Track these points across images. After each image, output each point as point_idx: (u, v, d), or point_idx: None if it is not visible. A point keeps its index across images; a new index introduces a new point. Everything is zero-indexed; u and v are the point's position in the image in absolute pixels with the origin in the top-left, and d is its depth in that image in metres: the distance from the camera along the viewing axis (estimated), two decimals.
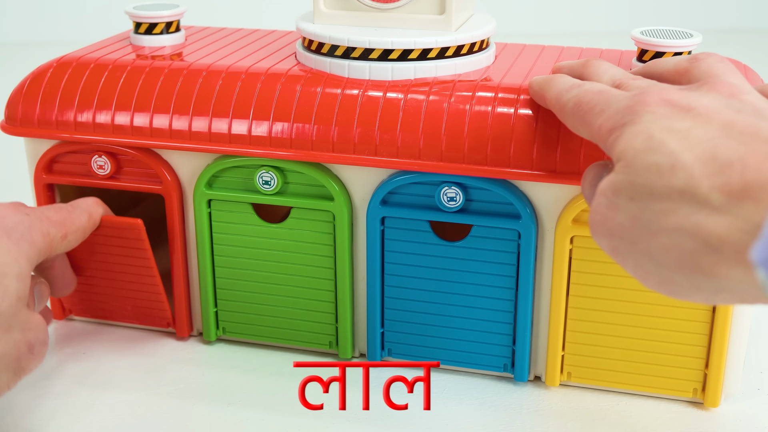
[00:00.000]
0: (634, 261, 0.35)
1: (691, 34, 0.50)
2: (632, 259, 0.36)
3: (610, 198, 0.36)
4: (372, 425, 0.48)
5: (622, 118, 0.36)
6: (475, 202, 0.49)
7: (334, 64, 0.51)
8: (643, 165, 0.34)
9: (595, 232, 0.37)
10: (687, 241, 0.33)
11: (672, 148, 0.34)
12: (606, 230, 0.36)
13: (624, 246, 0.36)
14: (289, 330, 0.54)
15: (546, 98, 0.44)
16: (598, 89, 0.40)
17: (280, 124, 0.49)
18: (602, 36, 1.28)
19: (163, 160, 0.52)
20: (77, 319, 0.58)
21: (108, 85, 0.52)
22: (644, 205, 0.34)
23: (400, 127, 0.48)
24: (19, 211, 0.46)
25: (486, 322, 0.51)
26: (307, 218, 0.51)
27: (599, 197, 0.36)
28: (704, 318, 0.48)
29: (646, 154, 0.34)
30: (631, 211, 0.35)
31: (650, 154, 0.34)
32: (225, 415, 0.49)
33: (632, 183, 0.34)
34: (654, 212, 0.34)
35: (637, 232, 0.35)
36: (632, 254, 0.35)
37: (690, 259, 0.33)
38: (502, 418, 0.49)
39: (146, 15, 0.57)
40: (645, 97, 0.36)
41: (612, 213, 0.36)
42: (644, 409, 0.50)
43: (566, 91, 0.42)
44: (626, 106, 0.37)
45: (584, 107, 0.40)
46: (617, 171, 0.35)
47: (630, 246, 0.35)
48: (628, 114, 0.36)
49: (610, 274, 0.48)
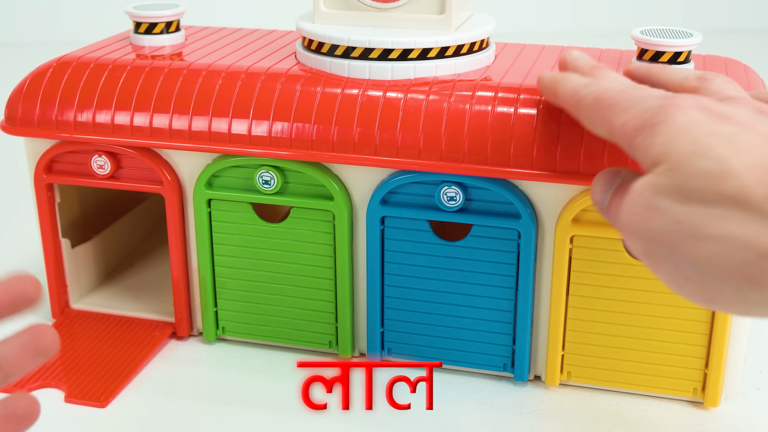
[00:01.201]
0: (672, 266, 0.34)
1: (691, 34, 0.50)
2: (670, 264, 0.34)
3: (650, 200, 0.34)
4: (372, 425, 0.48)
5: (653, 117, 0.35)
6: (475, 201, 0.49)
7: (334, 64, 0.51)
8: (690, 169, 0.33)
9: (629, 234, 0.36)
10: (739, 250, 0.32)
11: (720, 153, 0.33)
12: (643, 232, 0.35)
13: (662, 250, 0.34)
14: (289, 330, 0.54)
15: (558, 93, 0.43)
16: (619, 87, 0.39)
17: (280, 124, 0.49)
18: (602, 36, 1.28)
19: (163, 160, 0.52)
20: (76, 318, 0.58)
21: (108, 84, 0.52)
22: (691, 210, 0.33)
23: (400, 127, 0.48)
24: None
25: (486, 322, 0.51)
26: (307, 218, 0.51)
27: (636, 198, 0.35)
28: (704, 318, 0.48)
29: (693, 159, 0.33)
30: (676, 214, 0.33)
31: (697, 159, 0.33)
32: (225, 415, 0.49)
33: (679, 187, 0.33)
34: (702, 218, 0.33)
35: (680, 236, 0.33)
36: (671, 259, 0.34)
37: (741, 269, 0.32)
38: (502, 418, 0.49)
39: (146, 15, 0.57)
40: (677, 100, 0.35)
41: (652, 215, 0.34)
42: (644, 409, 0.50)
43: (584, 86, 0.41)
44: (657, 106, 0.36)
45: (605, 103, 0.39)
46: (659, 173, 0.34)
47: (669, 250, 0.34)
48: (659, 114, 0.35)
49: (610, 274, 0.48)
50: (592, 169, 0.46)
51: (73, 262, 0.57)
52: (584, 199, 0.47)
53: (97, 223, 0.61)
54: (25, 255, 0.67)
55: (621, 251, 0.48)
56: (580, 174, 0.46)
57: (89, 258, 0.59)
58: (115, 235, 0.63)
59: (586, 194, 0.47)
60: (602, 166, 0.46)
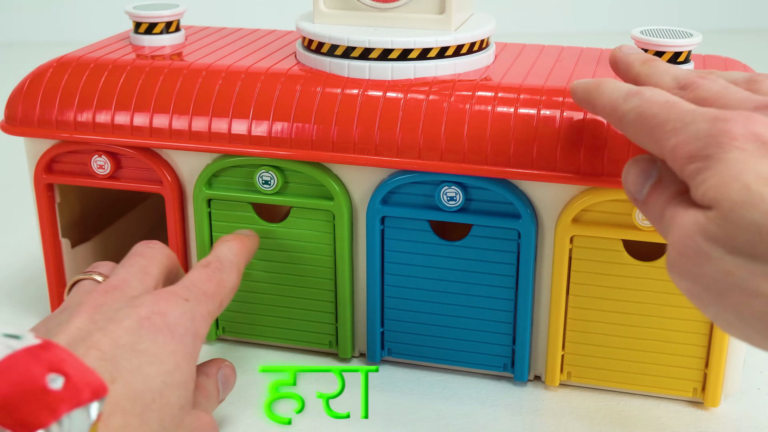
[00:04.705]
0: (716, 312, 0.33)
1: (691, 34, 0.50)
2: (715, 309, 0.33)
3: (700, 245, 0.33)
4: (372, 425, 0.48)
5: (705, 149, 0.34)
6: (475, 201, 0.49)
7: (333, 64, 0.51)
8: (742, 222, 0.31)
9: (675, 274, 0.35)
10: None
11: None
12: (691, 276, 0.34)
13: (708, 296, 0.33)
14: (288, 330, 0.54)
15: (596, 105, 0.41)
16: (663, 100, 0.37)
17: (280, 124, 0.49)
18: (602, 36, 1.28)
19: (163, 160, 0.52)
20: None
21: (108, 84, 0.52)
22: (741, 263, 0.32)
23: (400, 127, 0.48)
24: (180, 297, 0.41)
25: (486, 322, 0.51)
26: (307, 218, 0.51)
27: (686, 240, 0.34)
28: (704, 318, 0.48)
29: (745, 210, 0.31)
30: (726, 265, 0.32)
31: (749, 211, 0.31)
32: (225, 415, 0.49)
33: (729, 238, 0.32)
34: (752, 273, 0.31)
35: (728, 287, 0.32)
36: (716, 306, 0.33)
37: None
38: (502, 418, 0.49)
39: (146, 15, 0.57)
40: (729, 126, 0.34)
41: (701, 261, 0.33)
42: (644, 409, 0.50)
43: (623, 100, 0.39)
44: (708, 134, 0.34)
45: (650, 122, 0.37)
46: (711, 220, 0.33)
47: (716, 298, 0.33)
48: (711, 145, 0.33)
49: (610, 273, 0.48)
50: (592, 169, 0.46)
51: (73, 262, 0.57)
52: (584, 199, 0.47)
53: (97, 223, 0.61)
54: (25, 255, 0.67)
55: (621, 251, 0.48)
56: (581, 174, 0.46)
57: (89, 258, 0.59)
58: (115, 235, 0.63)
59: (587, 194, 0.47)
60: (603, 166, 0.46)
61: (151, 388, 0.37)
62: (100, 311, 0.39)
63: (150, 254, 0.44)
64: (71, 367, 0.30)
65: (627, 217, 0.47)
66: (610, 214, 0.47)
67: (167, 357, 0.38)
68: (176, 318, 0.40)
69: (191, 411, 0.39)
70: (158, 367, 0.37)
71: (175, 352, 0.38)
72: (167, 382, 0.37)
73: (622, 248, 0.48)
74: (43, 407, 0.29)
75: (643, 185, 0.38)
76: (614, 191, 0.46)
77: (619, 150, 0.46)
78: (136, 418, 0.36)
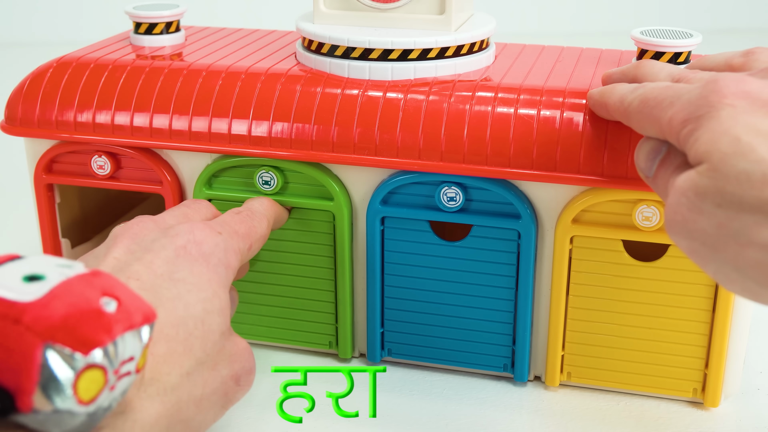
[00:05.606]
0: (716, 267, 0.34)
1: (691, 34, 0.50)
2: (714, 265, 0.34)
3: (692, 200, 0.33)
4: (372, 425, 0.48)
5: (697, 110, 0.34)
6: (475, 201, 0.49)
7: (333, 64, 0.51)
8: (731, 172, 0.32)
9: (673, 233, 0.35)
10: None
11: (762, 155, 0.31)
12: (686, 233, 0.34)
13: (705, 251, 0.34)
14: (288, 330, 0.54)
15: (608, 105, 0.43)
16: (663, 85, 0.38)
17: (280, 124, 0.49)
18: (602, 36, 1.28)
19: (163, 160, 0.52)
20: None
21: (108, 85, 0.52)
22: (732, 214, 0.32)
23: (400, 127, 0.48)
24: (213, 230, 0.42)
25: (486, 322, 0.51)
26: (307, 218, 0.51)
27: (679, 197, 0.34)
28: (704, 318, 0.48)
29: (734, 159, 0.32)
30: (717, 218, 0.32)
31: (739, 160, 0.32)
32: (225, 415, 0.49)
33: (720, 190, 0.32)
34: (743, 223, 0.32)
35: (722, 240, 0.33)
36: (714, 261, 0.34)
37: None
38: (502, 418, 0.49)
39: (146, 15, 0.57)
40: (720, 87, 0.34)
41: (695, 216, 0.33)
42: (644, 409, 0.50)
43: (630, 92, 0.41)
44: (700, 96, 0.35)
45: (651, 103, 0.38)
46: (701, 173, 0.33)
47: (712, 252, 0.33)
48: (703, 105, 0.34)
49: (610, 274, 0.48)
50: (592, 169, 0.46)
51: None
52: (584, 199, 0.47)
53: (97, 223, 0.61)
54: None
55: (621, 251, 0.48)
56: (580, 174, 0.46)
57: None
58: None
59: (587, 194, 0.47)
60: (602, 166, 0.46)
61: (192, 315, 0.38)
62: (136, 241, 0.40)
63: (195, 206, 0.47)
64: (122, 292, 0.31)
65: (627, 218, 0.47)
66: (610, 214, 0.47)
67: (205, 285, 0.39)
68: (210, 248, 0.41)
69: (230, 336, 0.40)
70: (197, 294, 0.38)
71: (211, 280, 0.39)
72: (207, 308, 0.38)
73: (622, 248, 0.48)
74: (99, 328, 0.30)
75: (653, 161, 0.39)
76: (614, 191, 0.46)
77: (619, 150, 0.46)
78: (180, 344, 0.36)
